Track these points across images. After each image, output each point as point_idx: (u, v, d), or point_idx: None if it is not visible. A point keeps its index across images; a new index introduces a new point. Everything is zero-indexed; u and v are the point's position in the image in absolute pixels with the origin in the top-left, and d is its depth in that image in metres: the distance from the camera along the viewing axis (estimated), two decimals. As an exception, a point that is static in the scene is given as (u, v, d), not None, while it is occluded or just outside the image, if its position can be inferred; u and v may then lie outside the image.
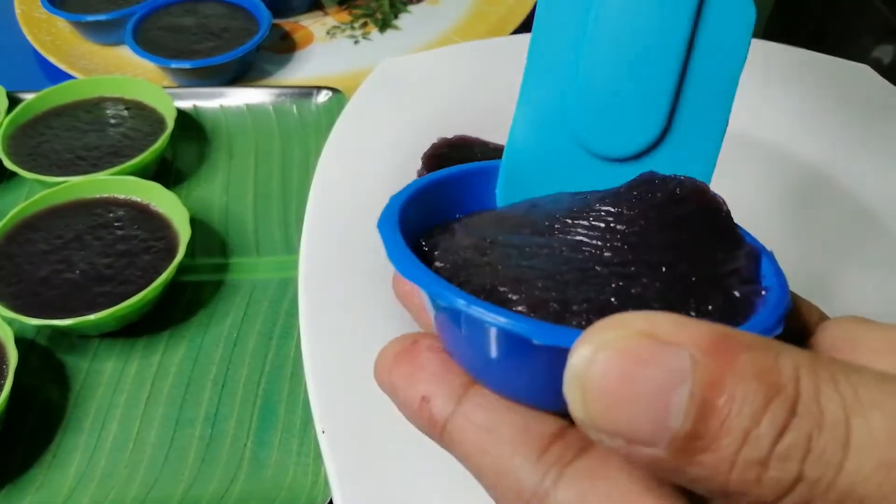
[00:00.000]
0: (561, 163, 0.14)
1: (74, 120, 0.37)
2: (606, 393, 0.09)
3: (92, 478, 0.25)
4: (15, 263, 0.30)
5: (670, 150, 0.14)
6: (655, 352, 0.09)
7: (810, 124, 0.34)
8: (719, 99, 0.13)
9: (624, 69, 0.13)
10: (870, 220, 0.31)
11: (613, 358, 0.09)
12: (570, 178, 0.14)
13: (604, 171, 0.14)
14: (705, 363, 0.09)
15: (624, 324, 0.09)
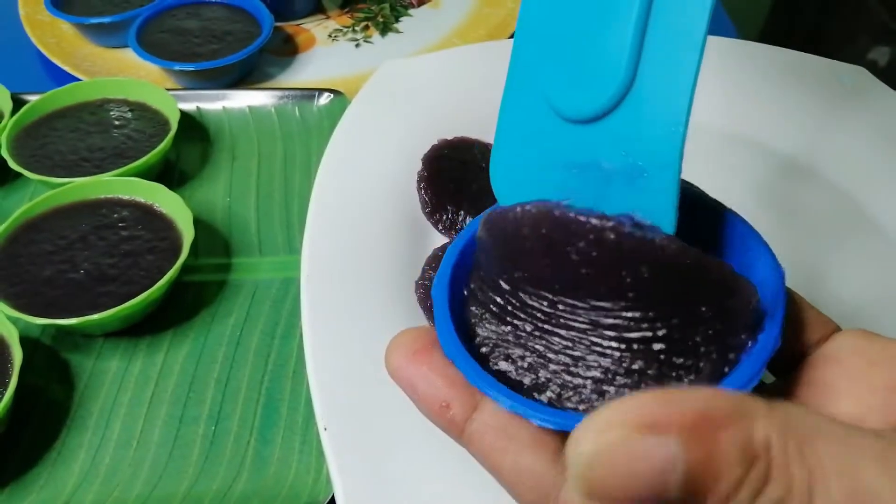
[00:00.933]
0: (540, 133, 0.14)
1: (78, 121, 0.37)
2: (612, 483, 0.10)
3: (96, 475, 0.26)
4: (19, 264, 0.30)
5: (638, 101, 0.13)
6: (648, 447, 0.10)
7: (806, 126, 0.34)
8: (685, 46, 0.12)
9: (584, 24, 0.13)
10: (864, 220, 0.32)
11: (614, 459, 0.10)
12: (551, 148, 0.14)
13: (578, 136, 0.14)
14: (693, 446, 0.10)
15: (617, 419, 0.10)
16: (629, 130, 0.13)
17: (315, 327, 0.25)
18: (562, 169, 0.14)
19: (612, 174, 0.14)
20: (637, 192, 0.13)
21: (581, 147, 0.14)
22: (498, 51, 0.38)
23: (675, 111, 0.13)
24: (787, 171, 0.33)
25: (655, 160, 0.13)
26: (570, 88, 0.14)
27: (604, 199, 0.14)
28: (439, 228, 0.31)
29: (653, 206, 0.13)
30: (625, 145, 0.13)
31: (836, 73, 0.36)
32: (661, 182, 0.13)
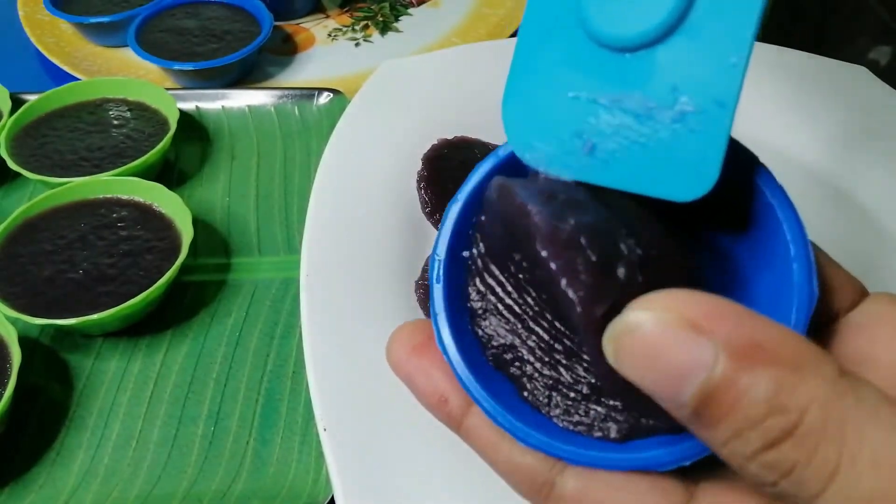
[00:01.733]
0: (568, 60, 0.12)
1: (77, 121, 0.37)
2: (634, 358, 0.10)
3: (95, 475, 0.26)
4: (19, 263, 0.30)
5: (696, 27, 0.11)
6: (687, 340, 0.10)
7: (807, 126, 0.34)
8: None
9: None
10: (866, 219, 0.32)
11: (650, 334, 0.10)
12: (578, 77, 0.12)
13: (616, 65, 0.12)
14: (726, 364, 0.09)
15: (670, 303, 0.10)
16: (681, 61, 0.11)
17: (314, 327, 0.25)
18: (592, 103, 0.12)
19: (654, 111, 0.12)
20: (682, 134, 0.12)
21: (619, 78, 0.12)
22: (498, 50, 0.38)
23: (737, 41, 0.11)
24: (787, 171, 0.33)
25: (709, 98, 0.11)
26: (612, 8, 0.12)
27: (638, 141, 0.12)
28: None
29: (698, 150, 0.11)
30: (674, 78, 0.11)
31: (837, 72, 0.36)
32: (713, 123, 0.11)
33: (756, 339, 0.10)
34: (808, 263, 0.12)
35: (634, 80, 0.12)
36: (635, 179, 0.12)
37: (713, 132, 0.11)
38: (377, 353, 0.25)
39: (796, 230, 0.12)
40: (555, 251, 0.11)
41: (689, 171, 0.12)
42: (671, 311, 0.10)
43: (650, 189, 0.12)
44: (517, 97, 0.13)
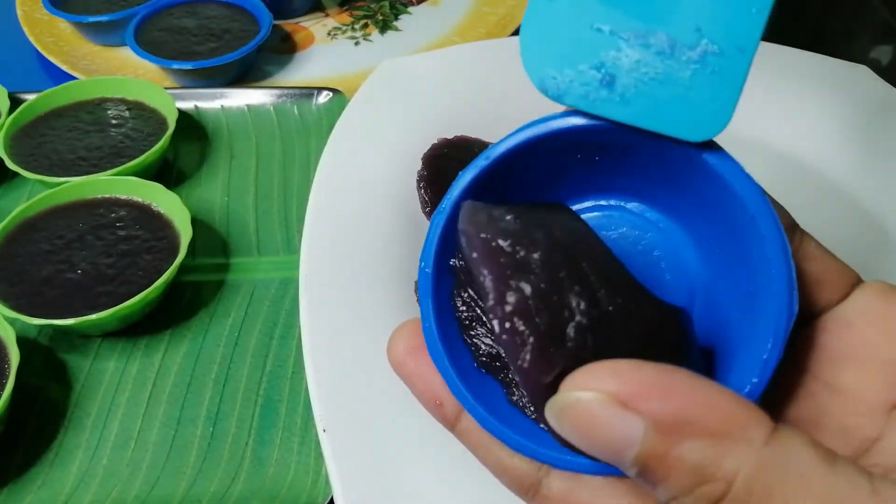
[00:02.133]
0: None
1: (76, 120, 0.37)
2: (574, 431, 0.11)
3: (94, 476, 0.25)
4: (17, 264, 0.30)
5: None
6: (618, 417, 0.10)
7: (807, 125, 0.34)
8: None
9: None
10: (866, 218, 0.31)
11: (585, 412, 0.11)
12: (602, 10, 0.12)
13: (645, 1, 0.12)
14: (654, 439, 0.10)
15: (604, 380, 0.11)
16: (707, 3, 0.12)
17: (314, 328, 0.25)
18: (613, 37, 0.12)
19: (675, 49, 0.12)
20: (701, 75, 0.12)
21: (644, 14, 0.12)
22: (498, 49, 0.38)
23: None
24: (788, 170, 0.33)
25: (732, 42, 0.12)
26: None
27: (656, 78, 0.12)
28: (439, 228, 0.31)
29: (715, 92, 0.12)
30: (699, 20, 0.12)
31: (838, 71, 0.36)
32: (733, 67, 0.12)
33: (683, 412, 0.10)
34: (790, 281, 0.12)
35: (659, 18, 0.12)
36: (650, 116, 0.12)
37: (732, 76, 0.12)
38: (377, 353, 0.25)
39: (778, 246, 0.12)
40: (502, 320, 0.11)
41: (704, 111, 0.12)
42: (604, 389, 0.10)
43: (663, 126, 0.12)
44: (536, 25, 0.13)
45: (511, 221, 0.12)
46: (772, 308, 0.12)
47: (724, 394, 0.10)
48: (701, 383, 0.10)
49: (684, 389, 0.10)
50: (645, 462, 0.10)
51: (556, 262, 0.12)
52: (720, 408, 0.10)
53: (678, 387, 0.10)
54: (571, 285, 0.12)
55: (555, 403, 0.11)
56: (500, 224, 0.12)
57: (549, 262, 0.12)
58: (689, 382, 0.10)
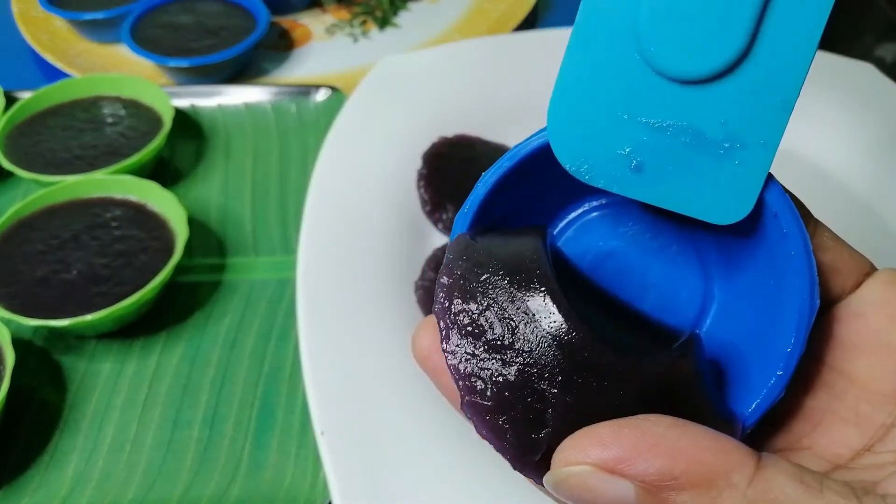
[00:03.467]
0: (622, 82, 0.13)
1: (71, 119, 0.36)
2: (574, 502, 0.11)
3: (89, 479, 0.25)
4: (12, 264, 0.29)
5: (751, 72, 0.12)
6: (608, 483, 0.11)
7: (813, 122, 0.34)
8: (810, 19, 0.11)
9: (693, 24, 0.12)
10: (871, 216, 0.31)
11: (576, 487, 0.11)
12: (632, 101, 0.13)
13: (671, 95, 0.12)
14: (645, 499, 0.11)
15: (583, 452, 0.11)
16: (735, 100, 0.12)
17: (311, 329, 0.25)
18: (642, 126, 0.13)
19: (702, 141, 0.12)
20: (725, 166, 0.12)
21: (672, 107, 0.12)
22: (498, 46, 0.38)
23: (788, 88, 0.12)
24: (792, 168, 0.33)
25: (757, 136, 0.12)
26: (674, 43, 0.12)
27: (684, 167, 0.13)
28: (439, 228, 0.30)
29: (738, 182, 0.12)
30: (726, 116, 0.12)
31: (843, 69, 0.36)
32: (756, 159, 0.12)
33: (666, 469, 0.11)
34: (812, 279, 0.12)
35: (688, 111, 0.12)
36: (676, 200, 0.13)
37: (755, 168, 0.12)
38: (375, 355, 0.25)
39: (800, 244, 0.13)
40: (479, 419, 0.12)
41: (728, 199, 0.13)
42: (589, 461, 0.11)
43: (688, 210, 0.13)
44: (566, 109, 0.13)
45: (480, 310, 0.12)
46: (794, 302, 0.12)
47: (705, 440, 0.11)
48: (680, 434, 0.11)
49: (665, 445, 0.11)
50: None
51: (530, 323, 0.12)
52: (702, 458, 0.11)
53: (659, 444, 0.11)
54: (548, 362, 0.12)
55: (550, 479, 0.12)
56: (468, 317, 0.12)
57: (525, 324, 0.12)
58: (670, 436, 0.11)
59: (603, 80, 0.13)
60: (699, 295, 0.15)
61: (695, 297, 0.15)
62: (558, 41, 0.13)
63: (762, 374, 0.13)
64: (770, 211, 0.13)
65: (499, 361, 0.12)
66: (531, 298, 0.12)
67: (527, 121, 0.34)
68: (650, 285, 0.15)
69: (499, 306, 0.12)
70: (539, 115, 0.14)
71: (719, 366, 0.14)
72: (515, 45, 0.38)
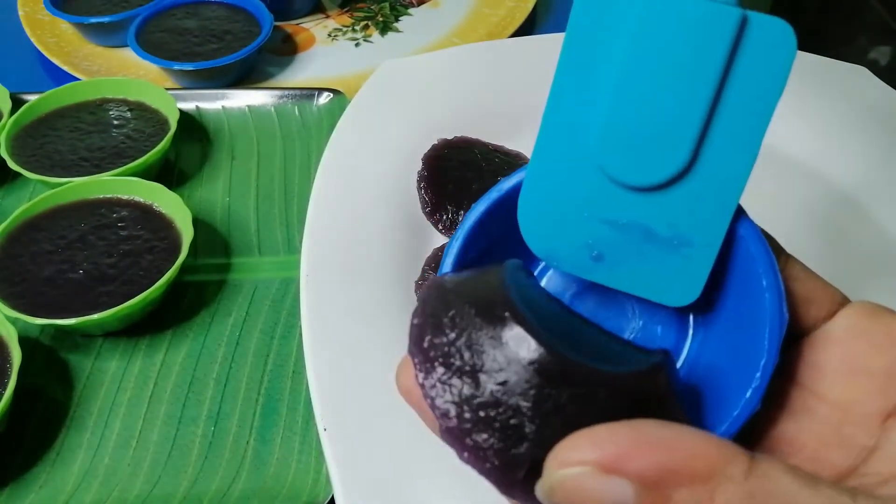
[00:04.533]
0: (582, 187, 0.14)
1: (78, 121, 0.37)
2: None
3: (95, 475, 0.26)
4: (19, 263, 0.30)
5: (695, 181, 0.13)
6: (605, 484, 0.11)
7: (806, 125, 0.34)
8: (750, 130, 0.13)
9: (652, 98, 0.13)
10: (864, 219, 0.32)
11: (572, 490, 0.11)
12: (591, 204, 0.14)
13: (625, 199, 0.14)
14: (644, 496, 0.10)
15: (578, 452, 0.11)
16: (681, 206, 0.14)
17: (314, 327, 0.25)
18: (600, 223, 0.14)
19: (654, 238, 0.14)
20: (673, 260, 0.14)
21: (626, 209, 0.14)
22: (497, 50, 0.38)
23: (729, 196, 0.13)
24: (786, 171, 0.33)
25: (701, 237, 0.14)
26: (625, 155, 0.14)
27: (639, 258, 0.14)
28: (439, 228, 0.31)
29: (687, 273, 0.14)
30: (673, 218, 0.14)
31: (837, 72, 0.36)
32: (701, 257, 0.14)
33: (665, 464, 0.10)
34: (779, 293, 0.13)
35: (640, 213, 0.14)
36: (633, 285, 0.14)
37: (700, 263, 0.14)
38: (377, 353, 0.25)
39: (766, 262, 0.13)
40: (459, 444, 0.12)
41: (678, 286, 0.14)
42: (586, 461, 0.11)
43: (645, 293, 0.14)
44: (533, 206, 0.15)
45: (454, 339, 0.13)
46: (765, 318, 0.13)
47: (698, 437, 0.11)
48: (674, 432, 0.11)
49: (661, 442, 0.11)
50: None
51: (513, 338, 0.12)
52: (698, 452, 0.11)
53: (654, 440, 0.11)
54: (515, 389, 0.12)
55: (543, 485, 0.11)
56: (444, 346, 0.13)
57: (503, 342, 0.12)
58: (664, 433, 0.11)
59: (565, 183, 0.14)
60: (678, 323, 0.16)
61: (673, 325, 0.16)
62: (555, 46, 0.14)
63: (740, 390, 0.13)
64: (737, 235, 0.14)
65: (471, 385, 0.12)
66: (497, 323, 0.12)
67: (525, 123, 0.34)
68: (630, 317, 0.16)
69: (467, 335, 0.12)
70: (536, 118, 0.14)
71: (700, 390, 0.14)
72: (514, 49, 0.38)
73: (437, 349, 0.12)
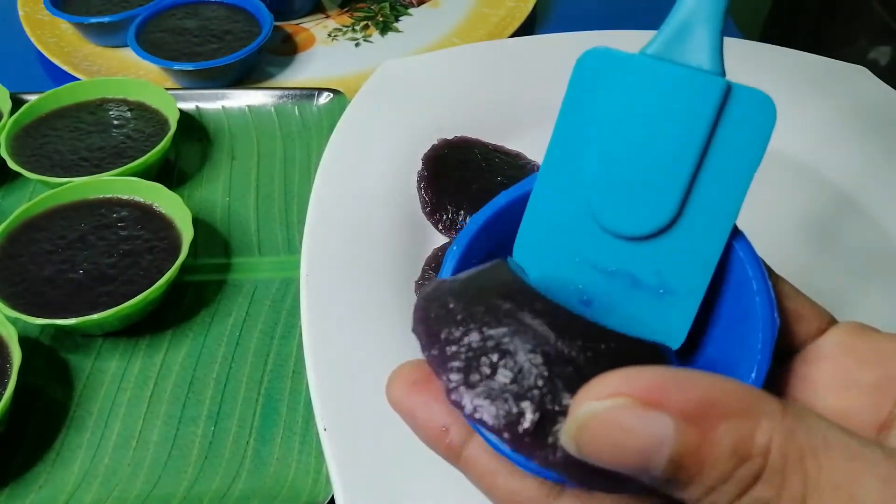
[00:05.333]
0: (575, 233, 0.15)
1: (78, 121, 0.37)
2: (598, 448, 0.10)
3: (95, 475, 0.26)
4: (19, 263, 0.30)
5: (680, 234, 0.14)
6: (643, 419, 0.10)
7: (806, 125, 0.34)
8: (732, 191, 0.14)
9: (641, 155, 0.14)
10: (864, 219, 0.32)
11: (607, 423, 0.10)
12: (583, 249, 0.15)
13: (615, 247, 0.15)
14: (686, 431, 0.10)
15: (617, 386, 0.10)
16: (667, 256, 0.14)
17: (314, 327, 0.25)
18: (591, 268, 0.15)
19: (640, 286, 0.15)
20: (659, 307, 0.15)
21: (615, 256, 0.15)
22: (497, 50, 0.38)
23: (712, 250, 0.14)
24: (787, 171, 0.33)
25: (685, 287, 0.15)
26: (615, 206, 0.15)
27: (626, 304, 0.15)
28: (439, 228, 0.31)
29: (672, 318, 0.15)
30: (659, 267, 0.15)
31: (837, 72, 0.36)
32: (685, 305, 0.15)
33: (706, 399, 0.10)
34: (769, 297, 0.14)
35: (628, 261, 0.15)
36: (622, 326, 0.15)
37: (684, 310, 0.15)
38: (377, 353, 0.25)
39: (756, 268, 0.14)
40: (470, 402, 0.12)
41: (665, 329, 0.15)
42: (622, 393, 0.10)
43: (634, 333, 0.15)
44: (529, 248, 0.16)
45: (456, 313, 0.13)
46: (757, 322, 0.13)
47: (729, 380, 0.11)
48: (704, 373, 0.11)
49: (695, 379, 0.10)
50: (680, 460, 0.10)
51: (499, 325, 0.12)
52: (735, 391, 0.10)
53: (689, 379, 0.10)
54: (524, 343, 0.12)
55: (573, 423, 0.10)
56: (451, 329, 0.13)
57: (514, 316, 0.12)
58: (695, 374, 0.10)
59: (560, 227, 0.15)
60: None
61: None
62: (555, 46, 0.14)
63: None
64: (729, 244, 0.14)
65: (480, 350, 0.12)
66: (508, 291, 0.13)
67: (525, 123, 0.35)
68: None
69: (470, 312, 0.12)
70: (536, 118, 0.15)
71: None
72: (514, 49, 0.38)
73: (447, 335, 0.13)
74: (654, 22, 0.15)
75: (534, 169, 0.32)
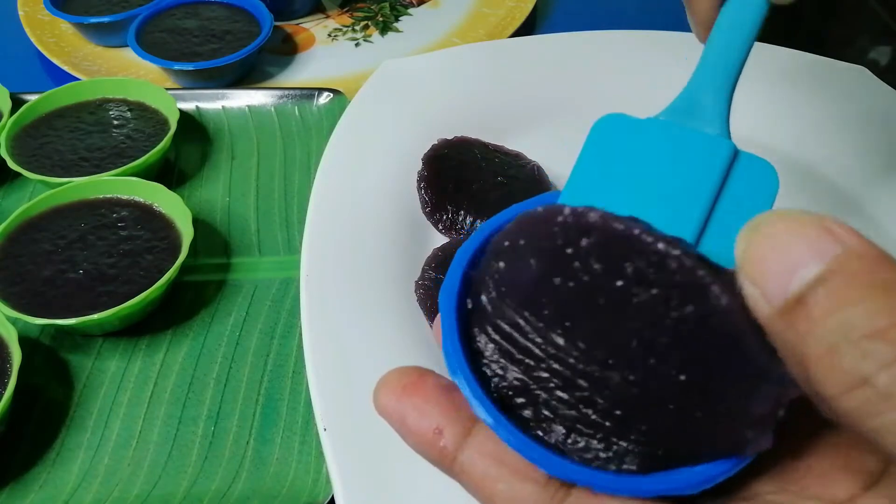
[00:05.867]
0: None
1: (78, 121, 0.37)
2: (762, 252, 0.10)
3: (95, 475, 0.26)
4: (19, 263, 0.30)
5: None
6: (818, 232, 0.10)
7: (806, 126, 0.34)
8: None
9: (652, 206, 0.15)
10: (864, 219, 0.32)
11: (791, 225, 0.10)
12: None
13: None
14: (849, 260, 0.10)
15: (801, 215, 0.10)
16: None
17: (314, 327, 0.25)
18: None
19: None
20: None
21: None
22: (497, 50, 0.38)
23: None
24: (788, 171, 0.33)
25: None
26: None
27: None
28: (439, 228, 0.31)
29: None
30: None
31: (837, 72, 0.36)
32: None
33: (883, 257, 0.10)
34: None
35: None
36: None
37: None
38: (377, 352, 0.25)
39: None
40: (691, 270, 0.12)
41: None
42: (801, 211, 0.10)
43: None
44: None
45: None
46: None
47: None
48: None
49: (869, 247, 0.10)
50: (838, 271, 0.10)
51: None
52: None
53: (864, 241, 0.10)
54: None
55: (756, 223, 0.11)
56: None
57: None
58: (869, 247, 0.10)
59: None
60: None
61: None
62: (555, 46, 0.14)
63: None
64: None
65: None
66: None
67: (524, 123, 0.34)
68: None
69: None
70: (535, 118, 0.14)
71: None
72: (514, 49, 0.38)
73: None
74: (654, 22, 0.15)
75: (534, 169, 0.32)
